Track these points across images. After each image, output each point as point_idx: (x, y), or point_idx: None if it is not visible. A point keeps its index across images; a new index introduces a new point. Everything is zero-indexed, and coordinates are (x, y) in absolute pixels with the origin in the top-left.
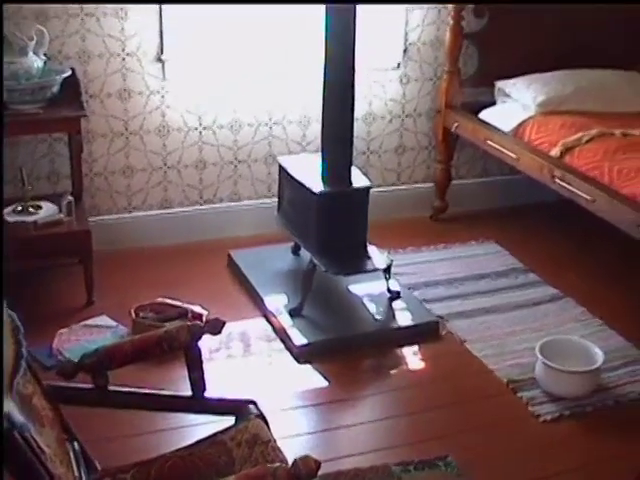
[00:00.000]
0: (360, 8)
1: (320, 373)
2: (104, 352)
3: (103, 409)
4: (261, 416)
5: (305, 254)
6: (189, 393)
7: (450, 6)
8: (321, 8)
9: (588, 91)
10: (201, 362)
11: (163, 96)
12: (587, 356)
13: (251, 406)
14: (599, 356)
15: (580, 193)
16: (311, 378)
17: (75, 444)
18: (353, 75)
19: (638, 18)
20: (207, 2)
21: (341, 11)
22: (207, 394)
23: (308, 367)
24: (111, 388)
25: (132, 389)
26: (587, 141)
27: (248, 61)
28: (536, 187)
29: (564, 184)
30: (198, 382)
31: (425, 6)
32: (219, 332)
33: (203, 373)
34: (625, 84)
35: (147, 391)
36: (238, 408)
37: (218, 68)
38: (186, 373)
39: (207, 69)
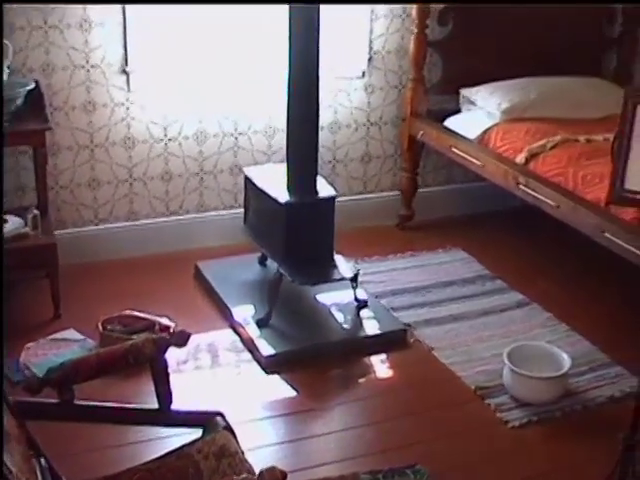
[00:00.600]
0: (324, 17)
1: (288, 383)
2: (69, 366)
3: (70, 424)
4: (228, 428)
5: (272, 264)
6: (156, 406)
7: (414, 14)
8: (285, 17)
9: (552, 98)
10: (167, 375)
11: (128, 108)
12: (554, 362)
13: (218, 418)
14: (566, 361)
15: (545, 199)
16: (279, 388)
17: (42, 460)
18: (317, 85)
19: (600, 25)
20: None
21: (304, 20)
22: (174, 406)
23: (276, 377)
24: (77, 402)
25: (98, 403)
26: (551, 147)
27: (213, 71)
28: (502, 194)
29: (529, 190)
30: (165, 395)
31: (389, 14)
32: (185, 344)
33: (170, 385)
34: (588, 90)
35: (113, 405)
36: (205, 420)
37: (183, 79)
38: (153, 386)
39: (172, 80)
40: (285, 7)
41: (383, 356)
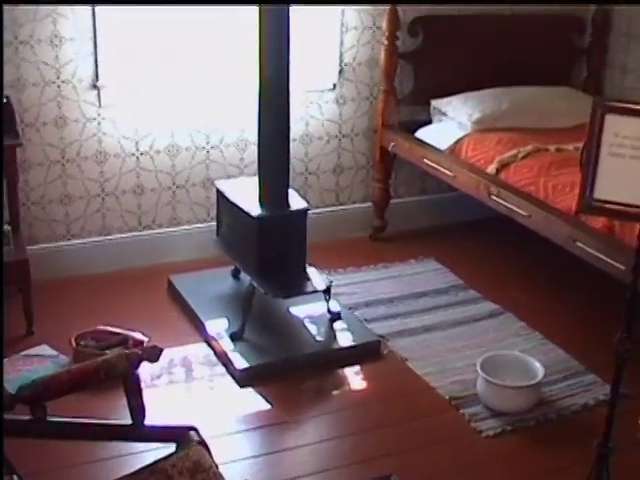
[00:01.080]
0: (294, 30)
1: (262, 396)
2: (41, 383)
3: (42, 440)
4: (202, 442)
5: (245, 277)
6: (129, 421)
7: (384, 26)
8: (255, 30)
9: (523, 108)
10: (140, 390)
11: (99, 123)
12: (528, 370)
13: (192, 432)
14: (539, 370)
15: (516, 209)
16: (253, 401)
17: (15, 478)
18: (288, 97)
19: (569, 35)
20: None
21: (274, 33)
22: (147, 421)
23: (250, 391)
24: (50, 419)
25: (71, 419)
26: (522, 157)
27: (184, 85)
28: (474, 204)
29: (500, 200)
30: (137, 410)
31: (360, 26)
32: (157, 359)
33: (142, 401)
34: (559, 100)
35: (86, 421)
36: (179, 435)
37: (154, 93)
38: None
39: (143, 95)
40: (255, 20)
41: (357, 368)
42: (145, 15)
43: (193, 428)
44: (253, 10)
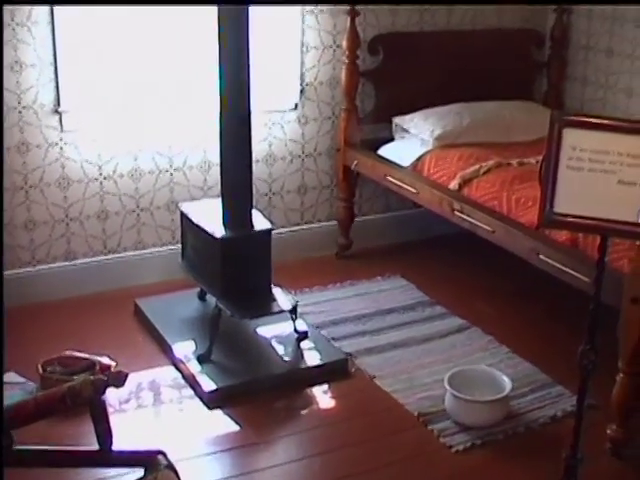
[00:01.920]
0: (255, 51)
1: (231, 418)
2: (7, 412)
3: (10, 469)
4: (170, 466)
5: (212, 299)
6: (97, 447)
7: (345, 45)
8: (215, 52)
9: (484, 123)
10: (107, 415)
11: (62, 148)
12: (495, 384)
13: (160, 457)
14: (507, 384)
15: (479, 224)
16: (222, 423)
17: None
18: (249, 119)
19: (529, 49)
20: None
21: (234, 55)
22: (116, 446)
23: (219, 412)
24: (16, 447)
25: (38, 447)
26: (485, 172)
27: (145, 108)
28: (439, 220)
29: (463, 216)
30: (104, 435)
31: (320, 46)
32: (122, 385)
33: (110, 426)
34: (520, 114)
35: (53, 448)
36: (146, 459)
37: (116, 117)
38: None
39: (105, 119)
40: (215, 42)
41: (325, 387)
42: (105, 39)
43: (161, 452)
44: (213, 31)
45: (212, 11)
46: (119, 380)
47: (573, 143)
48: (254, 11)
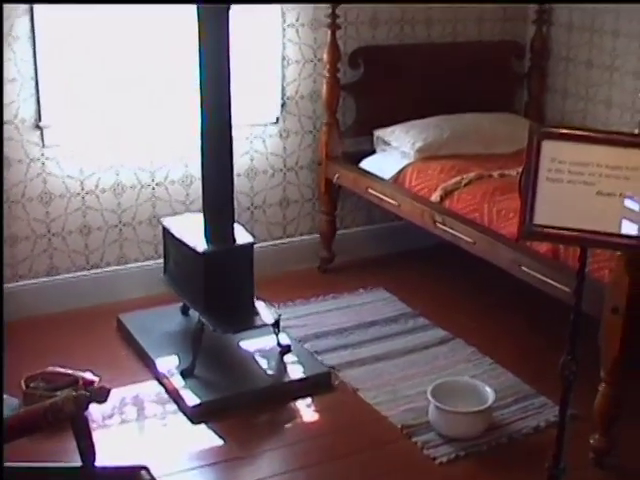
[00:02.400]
0: (236, 65)
1: (215, 432)
2: None
3: None
4: None
5: (195, 314)
6: (80, 463)
7: (325, 59)
8: (196, 66)
9: (465, 135)
10: (89, 431)
11: (43, 163)
12: (479, 396)
13: (143, 472)
14: (490, 395)
15: (461, 236)
16: (206, 438)
17: None
18: (230, 133)
19: (509, 61)
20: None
21: (215, 69)
22: (99, 462)
23: (203, 427)
24: None
25: (20, 464)
26: (466, 184)
27: (127, 123)
28: (421, 232)
29: (445, 228)
30: (87, 451)
31: (301, 60)
32: (105, 400)
33: (92, 442)
34: (500, 126)
35: (36, 465)
36: (129, 475)
37: (97, 132)
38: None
39: (86, 134)
40: (196, 56)
41: (308, 400)
42: (86, 54)
43: (144, 467)
44: (194, 46)
45: (193, 26)
46: (101, 396)
47: (552, 155)
48: (235, 25)
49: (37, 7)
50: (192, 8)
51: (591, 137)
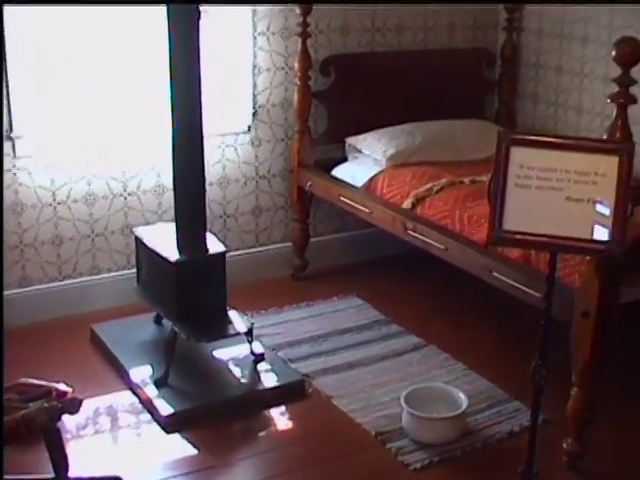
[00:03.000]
0: (207, 75)
1: (189, 441)
2: None
3: None
4: None
5: (168, 323)
6: (52, 475)
7: (296, 67)
8: (167, 76)
9: (436, 142)
10: (62, 442)
11: (15, 174)
12: (452, 401)
13: None
14: (463, 400)
15: (432, 242)
16: (180, 447)
17: None
18: (201, 142)
19: (480, 68)
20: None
21: (186, 79)
22: (72, 474)
23: (177, 436)
24: None
25: None
26: (437, 191)
27: (99, 133)
28: (393, 239)
29: (417, 235)
30: (60, 463)
31: (272, 68)
32: (77, 411)
33: (65, 453)
34: (472, 132)
35: (9, 477)
36: None
37: (69, 143)
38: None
39: (58, 144)
40: (166, 66)
41: (282, 408)
42: (58, 64)
43: (118, 478)
44: (165, 55)
45: (164, 35)
46: (73, 406)
47: (521, 161)
48: (206, 34)
49: (6, 18)
50: (163, 19)
51: (559, 143)
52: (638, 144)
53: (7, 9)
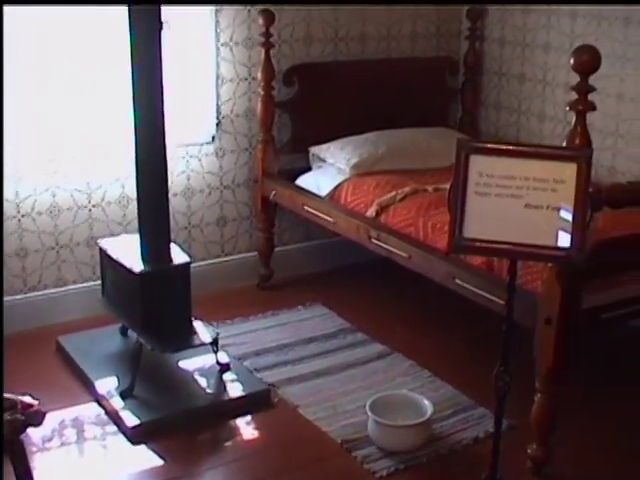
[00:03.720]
0: (170, 85)
1: (155, 452)
2: None
3: None
4: None
5: (133, 334)
6: None
7: (260, 77)
8: (130, 88)
9: (400, 150)
10: (25, 455)
11: None
12: (417, 408)
13: None
14: (428, 407)
15: (396, 251)
16: (147, 458)
17: None
18: (165, 153)
19: (443, 76)
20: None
21: (147, 90)
22: None
23: (143, 447)
24: None
25: None
26: (401, 199)
27: (62, 145)
28: (358, 248)
29: (380, 243)
30: (24, 476)
31: (235, 78)
32: (41, 423)
33: (29, 467)
34: (435, 140)
35: None
36: None
37: (33, 154)
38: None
39: (22, 156)
40: (128, 79)
41: (248, 418)
42: (21, 75)
43: None
44: (128, 64)
45: (126, 46)
46: (37, 419)
47: (480, 169)
48: (169, 45)
49: None
50: (125, 31)
51: (517, 151)
52: (597, 150)
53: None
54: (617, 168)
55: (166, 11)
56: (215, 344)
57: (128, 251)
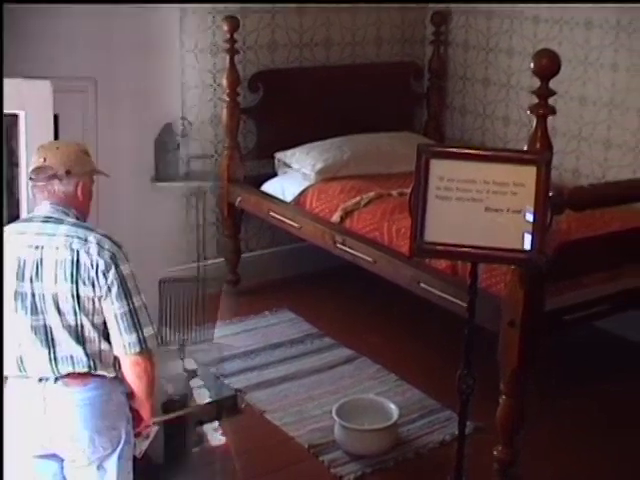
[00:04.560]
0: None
1: None
2: None
3: None
4: None
5: None
6: None
7: (225, 83)
8: None
9: (365, 155)
10: None
11: None
12: (384, 412)
13: None
14: (394, 411)
15: (361, 255)
16: None
17: None
18: None
19: (408, 81)
20: None
21: None
22: None
23: None
24: None
25: None
26: (366, 204)
27: None
28: (324, 253)
29: (345, 248)
30: None
31: (200, 85)
32: None
33: None
34: (400, 145)
35: None
36: None
37: None
38: None
39: None
40: None
41: (215, 424)
42: None
43: None
44: None
45: None
46: None
47: (440, 173)
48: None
49: None
50: None
51: (477, 155)
52: (561, 153)
53: None
54: (581, 171)
55: None
56: (182, 350)
57: None
